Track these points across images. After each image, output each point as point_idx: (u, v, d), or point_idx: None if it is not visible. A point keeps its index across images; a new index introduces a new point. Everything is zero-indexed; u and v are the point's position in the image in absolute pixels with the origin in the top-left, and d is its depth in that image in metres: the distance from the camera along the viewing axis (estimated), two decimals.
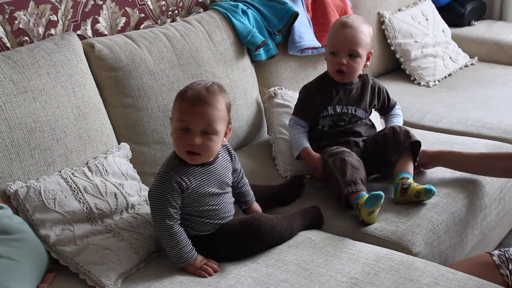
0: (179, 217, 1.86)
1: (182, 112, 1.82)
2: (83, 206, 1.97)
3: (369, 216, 2.05)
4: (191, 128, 1.81)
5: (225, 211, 1.95)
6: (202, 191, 1.89)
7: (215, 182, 1.93)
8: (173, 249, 1.85)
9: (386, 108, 2.51)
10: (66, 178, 2.01)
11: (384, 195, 2.01)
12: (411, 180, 2.18)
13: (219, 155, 1.95)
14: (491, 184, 2.36)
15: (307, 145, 2.37)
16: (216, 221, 1.93)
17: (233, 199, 2.02)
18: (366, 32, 2.34)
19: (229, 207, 1.98)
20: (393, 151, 2.25)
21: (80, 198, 1.98)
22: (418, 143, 2.27)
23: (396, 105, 2.54)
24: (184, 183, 1.84)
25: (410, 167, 2.25)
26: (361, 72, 2.43)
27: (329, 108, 2.38)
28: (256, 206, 2.15)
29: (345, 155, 2.20)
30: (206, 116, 1.81)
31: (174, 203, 1.84)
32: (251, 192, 2.13)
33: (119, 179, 2.11)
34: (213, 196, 1.92)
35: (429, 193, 2.15)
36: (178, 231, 1.85)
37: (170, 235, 1.84)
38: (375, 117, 2.64)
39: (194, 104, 1.81)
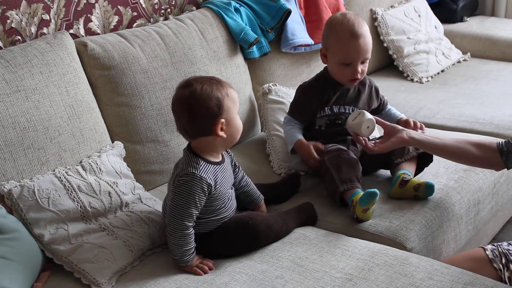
0: (195, 219, 1.87)
1: None
2: (77, 205, 1.97)
3: (364, 213, 2.05)
4: None
5: (231, 206, 1.97)
6: (222, 190, 1.90)
7: (229, 179, 1.96)
8: (180, 249, 1.85)
9: (379, 107, 2.48)
10: (60, 177, 2.01)
11: (379, 193, 2.01)
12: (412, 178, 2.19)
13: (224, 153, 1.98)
14: (484, 179, 2.37)
15: (300, 137, 2.35)
16: (222, 219, 1.94)
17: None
18: (369, 34, 2.30)
19: (234, 203, 2.00)
20: (399, 155, 2.25)
21: (74, 197, 1.98)
22: (428, 154, 2.27)
23: (388, 104, 2.52)
24: (212, 184, 1.85)
25: (413, 169, 2.25)
26: None
27: (326, 108, 2.37)
28: (263, 205, 2.16)
29: (341, 153, 2.20)
30: None
31: (199, 205, 1.84)
32: (258, 191, 2.15)
33: (113, 178, 2.11)
34: (227, 194, 1.94)
35: (429, 188, 2.15)
36: (190, 233, 1.85)
37: (183, 236, 1.84)
38: None
39: None
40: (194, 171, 1.84)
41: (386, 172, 2.34)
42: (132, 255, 1.91)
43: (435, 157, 2.31)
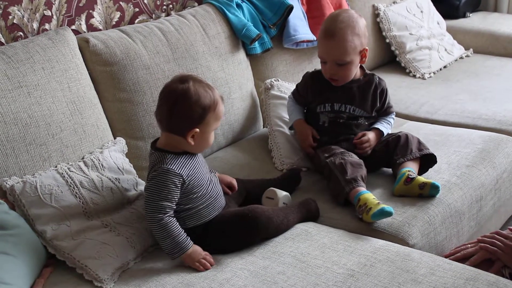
0: (172, 211, 1.86)
1: None
2: (79, 201, 1.97)
3: (370, 220, 2.05)
4: None
5: (216, 190, 1.98)
6: (198, 176, 1.91)
7: (202, 164, 1.97)
8: (165, 240, 1.85)
9: (379, 112, 2.43)
10: (62, 173, 2.01)
11: (394, 212, 2.01)
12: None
13: None
14: (486, 175, 2.37)
15: (300, 117, 2.43)
16: (213, 206, 1.95)
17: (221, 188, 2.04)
18: (351, 38, 2.26)
19: (219, 187, 2.01)
20: (402, 155, 2.25)
21: (76, 193, 1.98)
22: (431, 156, 2.27)
23: (392, 114, 2.47)
24: (183, 174, 1.86)
25: (417, 168, 2.24)
26: (367, 71, 2.41)
27: (326, 104, 2.37)
28: (223, 175, 2.15)
29: (345, 155, 2.20)
30: None
31: (170, 197, 1.84)
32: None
33: (115, 174, 2.11)
34: (206, 179, 1.94)
35: (434, 189, 2.14)
36: (168, 222, 1.84)
37: (160, 227, 1.84)
38: None
39: None
40: (162, 165, 1.86)
41: (388, 170, 2.34)
42: (134, 251, 1.91)
43: (437, 154, 2.31)
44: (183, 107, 1.85)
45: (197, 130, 1.86)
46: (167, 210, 1.85)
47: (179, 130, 1.88)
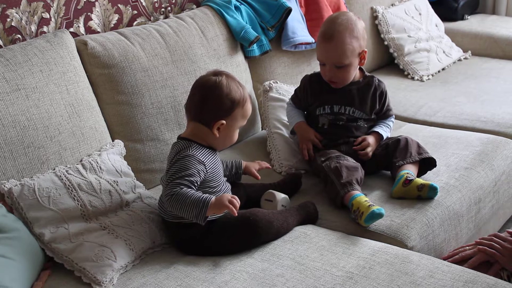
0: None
1: None
2: (78, 204, 1.97)
3: (365, 224, 2.05)
4: None
5: (227, 192, 2.00)
6: (216, 171, 1.96)
7: (220, 165, 2.02)
8: (185, 203, 1.80)
9: (378, 114, 2.44)
10: (60, 176, 2.01)
11: (384, 213, 2.02)
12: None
13: None
14: (485, 177, 2.37)
15: (302, 119, 2.43)
16: None
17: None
18: (349, 40, 2.26)
19: (229, 192, 2.03)
20: (401, 158, 2.25)
21: (74, 195, 1.98)
22: (431, 160, 2.27)
23: (391, 117, 2.47)
24: (204, 162, 1.90)
25: (416, 171, 2.24)
26: (366, 73, 2.41)
27: (326, 106, 2.37)
28: (250, 166, 2.22)
29: (340, 159, 2.20)
30: None
31: (190, 179, 1.85)
32: (232, 160, 2.22)
33: (114, 176, 2.10)
34: (222, 180, 1.99)
35: (433, 190, 2.14)
36: (183, 190, 1.82)
37: (176, 195, 1.81)
38: None
39: None
40: (187, 151, 1.91)
41: (388, 172, 2.34)
42: (133, 254, 1.91)
43: (436, 156, 2.31)
44: (214, 97, 1.93)
45: (224, 122, 1.94)
46: (182, 187, 1.84)
47: (206, 120, 1.94)
